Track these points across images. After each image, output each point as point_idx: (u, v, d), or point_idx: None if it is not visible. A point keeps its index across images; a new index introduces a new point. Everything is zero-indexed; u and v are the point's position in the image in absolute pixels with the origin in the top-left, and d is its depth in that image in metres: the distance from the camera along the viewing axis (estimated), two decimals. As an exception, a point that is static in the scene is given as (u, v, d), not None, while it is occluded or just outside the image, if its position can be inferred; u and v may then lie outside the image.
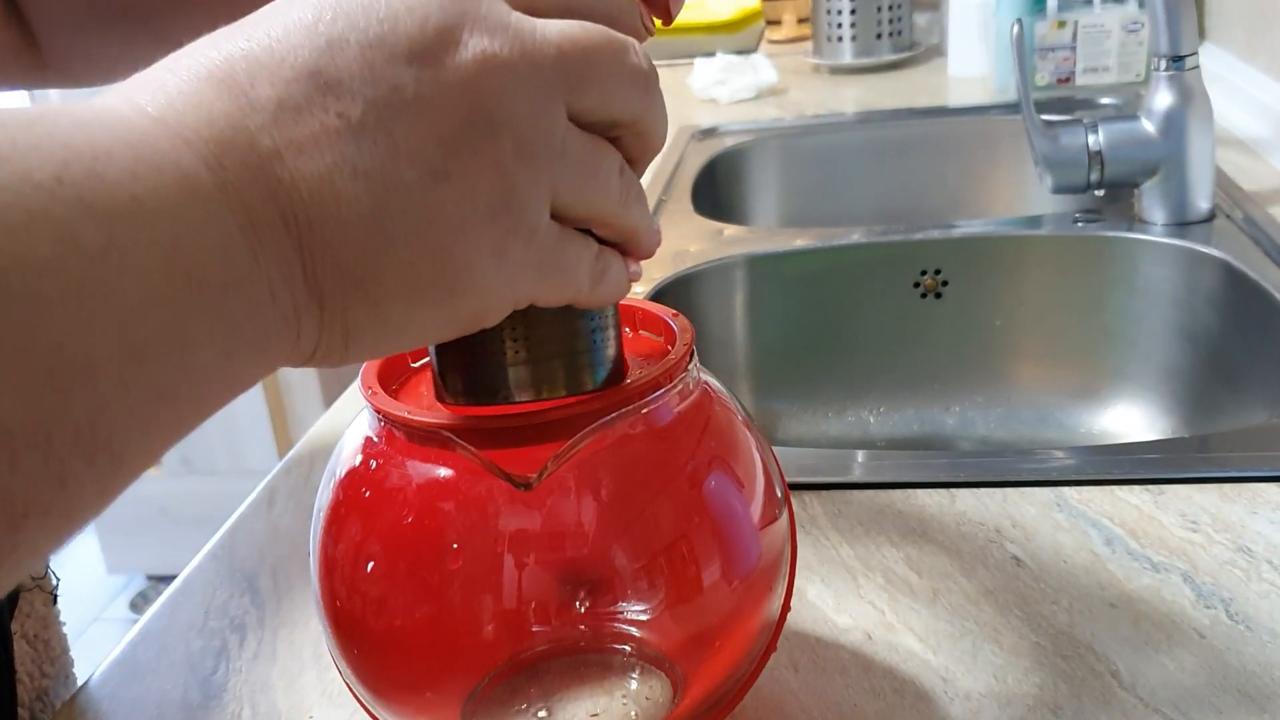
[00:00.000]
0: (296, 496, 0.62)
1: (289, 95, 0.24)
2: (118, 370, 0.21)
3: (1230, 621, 0.44)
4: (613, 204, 0.29)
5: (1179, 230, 0.85)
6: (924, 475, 0.56)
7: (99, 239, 0.21)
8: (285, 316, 0.24)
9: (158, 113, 0.23)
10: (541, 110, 0.26)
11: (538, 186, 0.26)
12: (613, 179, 0.29)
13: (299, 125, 0.24)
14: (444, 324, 0.27)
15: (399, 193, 0.24)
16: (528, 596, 0.35)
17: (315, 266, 0.24)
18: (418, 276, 0.25)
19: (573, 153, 0.27)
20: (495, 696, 0.38)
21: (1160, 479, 0.54)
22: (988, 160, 1.24)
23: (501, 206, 0.26)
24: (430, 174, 0.25)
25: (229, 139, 0.23)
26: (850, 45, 1.52)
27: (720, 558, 0.36)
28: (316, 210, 0.24)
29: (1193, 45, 0.82)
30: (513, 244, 0.26)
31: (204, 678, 0.48)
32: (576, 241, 0.29)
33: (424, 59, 0.25)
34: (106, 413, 0.21)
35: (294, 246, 0.24)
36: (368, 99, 0.24)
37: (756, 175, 1.27)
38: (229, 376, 0.24)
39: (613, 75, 0.28)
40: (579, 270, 0.29)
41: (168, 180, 0.22)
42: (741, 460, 0.38)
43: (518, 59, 0.26)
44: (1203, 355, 0.83)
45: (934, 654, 0.44)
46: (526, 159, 0.26)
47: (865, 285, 0.94)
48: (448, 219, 0.25)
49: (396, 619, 0.36)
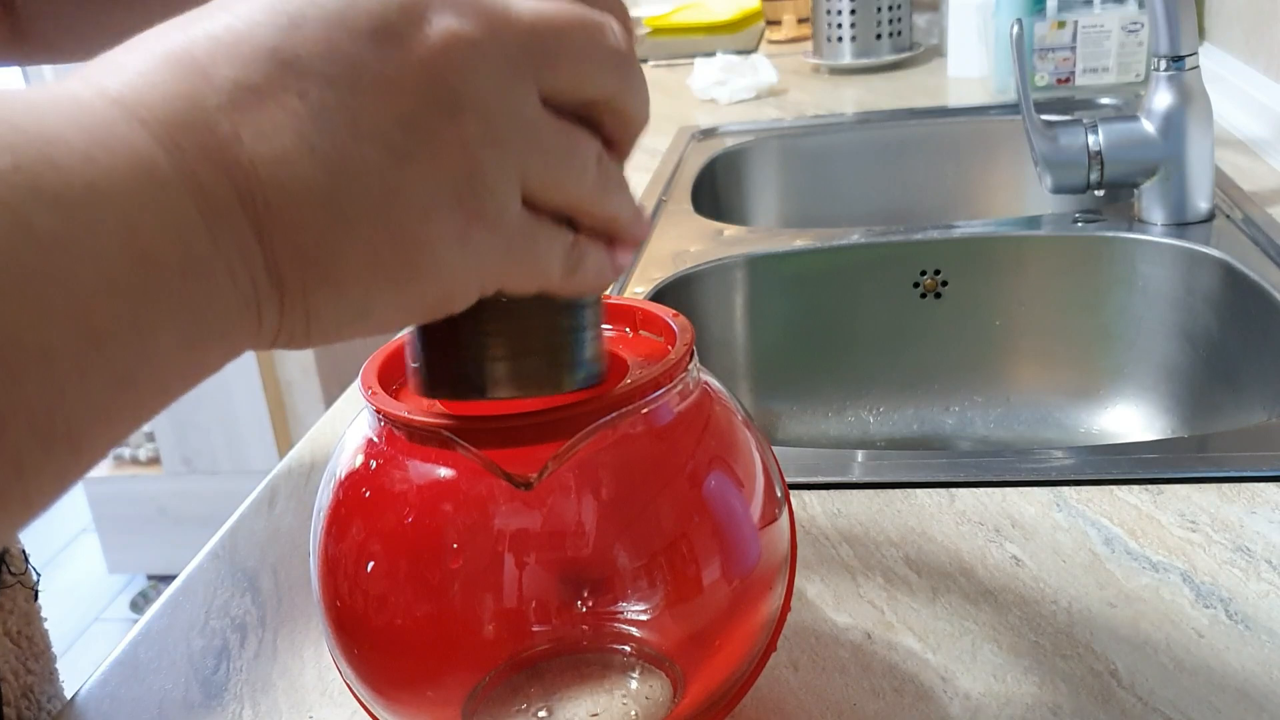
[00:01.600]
0: (297, 496, 0.62)
1: (248, 75, 0.24)
2: (75, 357, 0.21)
3: (1229, 621, 0.44)
4: (589, 191, 0.28)
5: (1178, 230, 0.85)
6: (923, 475, 0.57)
7: (53, 226, 0.20)
8: (246, 300, 0.24)
9: (115, 94, 0.23)
10: (509, 91, 0.25)
11: (504, 170, 0.26)
12: (589, 165, 0.28)
13: (258, 105, 0.23)
14: (406, 308, 0.26)
15: (359, 173, 0.24)
16: (528, 596, 0.35)
17: (274, 249, 0.24)
18: (377, 258, 0.25)
19: (545, 137, 0.26)
20: (496, 696, 0.38)
21: (1159, 479, 0.54)
22: (987, 160, 1.24)
23: (466, 189, 0.25)
24: (391, 154, 0.24)
25: (186, 120, 0.23)
26: (850, 46, 1.52)
27: (720, 557, 0.36)
28: (275, 192, 0.23)
29: (1192, 45, 0.82)
30: (476, 228, 0.26)
31: (205, 677, 0.49)
32: (548, 229, 0.28)
33: (387, 36, 0.24)
34: (64, 400, 0.21)
35: (253, 229, 0.23)
36: (328, 77, 0.24)
37: (756, 175, 1.27)
38: (191, 361, 0.24)
39: (587, 53, 0.27)
40: (550, 258, 0.28)
41: (122, 163, 0.22)
42: (741, 460, 0.38)
43: (485, 37, 0.25)
44: (1202, 355, 0.83)
45: (933, 653, 0.44)
46: (493, 141, 0.25)
47: (865, 285, 0.94)
48: (409, 201, 0.24)
49: (397, 618, 0.36)
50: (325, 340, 0.26)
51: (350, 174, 0.24)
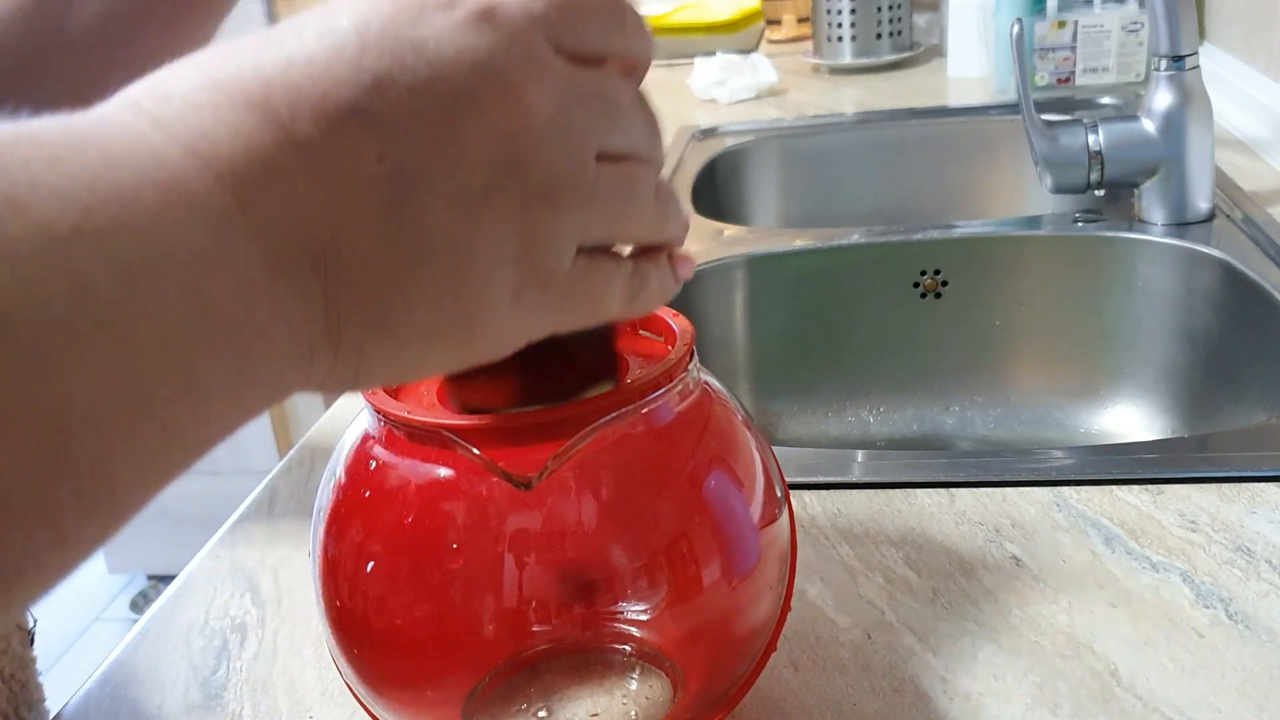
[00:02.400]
0: (297, 496, 0.62)
1: (330, 132, 0.24)
2: (125, 419, 0.20)
3: (1229, 621, 0.44)
4: (648, 225, 0.30)
5: (1178, 230, 0.85)
6: (923, 475, 0.57)
7: (116, 287, 0.20)
8: (300, 351, 0.24)
9: (189, 142, 0.23)
10: (575, 156, 0.26)
11: (565, 229, 0.26)
12: (647, 205, 0.29)
13: (338, 165, 0.23)
14: (456, 361, 0.27)
15: (431, 237, 0.24)
16: (528, 596, 0.35)
17: (340, 305, 0.24)
18: (440, 320, 0.25)
19: (605, 193, 0.27)
20: (496, 696, 0.38)
21: (1159, 479, 0.54)
22: (987, 160, 1.24)
23: (525, 251, 0.26)
24: (463, 220, 0.25)
25: (265, 176, 0.23)
26: (850, 45, 1.52)
27: (720, 557, 0.36)
28: (348, 253, 0.24)
29: (1193, 45, 0.82)
30: (529, 288, 0.26)
31: (205, 677, 0.49)
32: (605, 267, 0.29)
33: (470, 107, 0.25)
34: (110, 463, 0.20)
35: (320, 286, 0.24)
36: (410, 143, 0.24)
37: (756, 175, 1.27)
38: (236, 411, 0.24)
39: (633, 121, 0.28)
40: (608, 295, 0.29)
41: (196, 220, 0.22)
42: (741, 460, 0.38)
43: (556, 110, 0.26)
44: (1202, 355, 0.83)
45: (933, 653, 0.44)
46: (555, 204, 0.26)
47: (865, 285, 0.94)
48: (475, 264, 0.25)
49: (397, 618, 0.36)
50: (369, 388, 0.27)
51: (423, 238, 0.24)
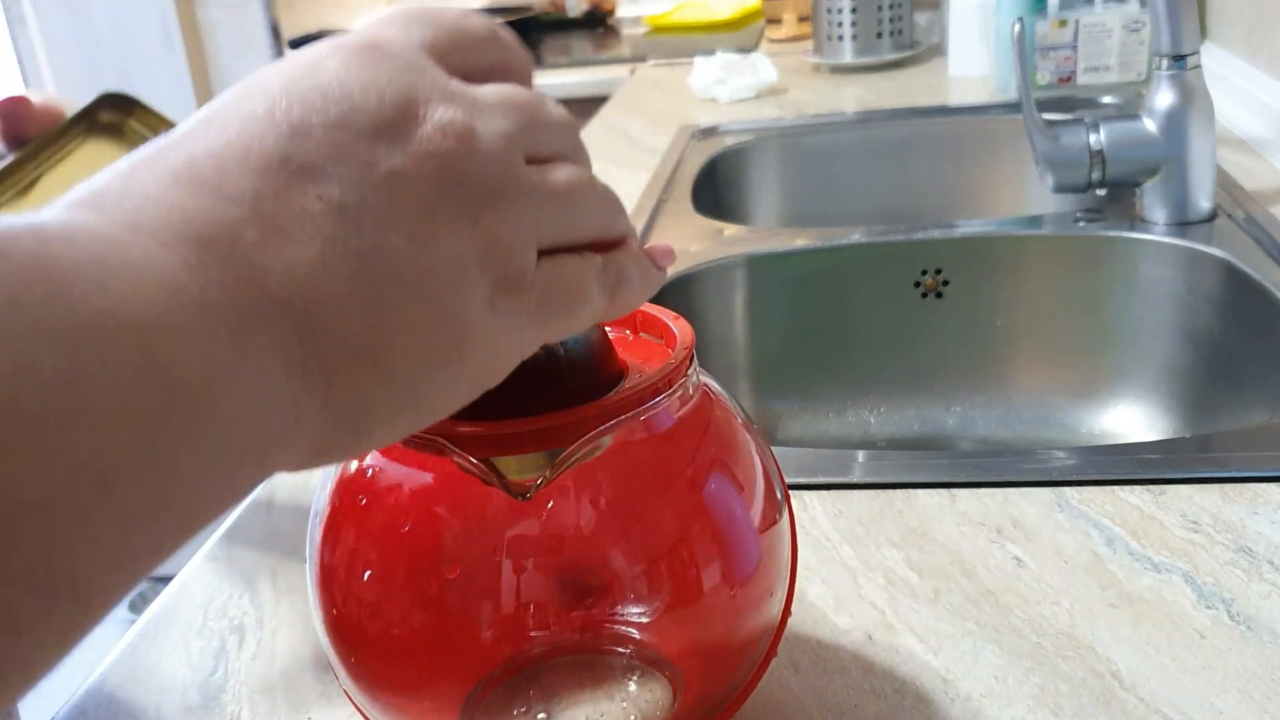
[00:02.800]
0: (296, 498, 0.62)
1: (263, 185, 0.24)
2: (81, 503, 0.19)
3: (1231, 622, 0.44)
4: (599, 223, 0.30)
5: (1180, 230, 0.85)
6: (924, 475, 0.56)
7: (60, 363, 0.19)
8: (279, 403, 0.23)
9: (127, 219, 0.22)
10: (504, 161, 0.27)
11: (518, 231, 0.27)
12: (591, 199, 0.30)
13: (279, 212, 0.24)
14: (454, 385, 0.27)
15: (390, 260, 0.25)
16: (526, 601, 0.35)
17: (317, 347, 0.24)
18: (423, 337, 0.25)
19: (544, 189, 0.28)
20: (494, 700, 0.38)
21: (1161, 479, 0.54)
22: (988, 160, 1.24)
23: (488, 257, 0.26)
24: (415, 239, 0.25)
25: (208, 236, 0.23)
26: (851, 44, 1.52)
27: (720, 561, 0.36)
28: (312, 292, 0.24)
29: (1194, 45, 0.81)
30: (501, 294, 0.27)
31: (203, 678, 0.48)
32: (573, 263, 0.29)
33: (389, 134, 0.25)
34: (68, 551, 0.19)
35: (292, 331, 0.23)
36: (344, 177, 0.25)
37: (756, 175, 1.27)
38: (215, 484, 0.22)
39: (548, 123, 0.29)
40: (586, 289, 0.29)
41: (142, 288, 0.21)
42: (741, 463, 0.38)
43: (472, 121, 0.27)
44: (1204, 355, 0.83)
45: (935, 655, 0.44)
46: (501, 208, 0.27)
47: (865, 285, 0.94)
48: (442, 278, 0.25)
49: (394, 625, 0.36)
50: (376, 439, 0.26)
51: (385, 263, 0.25)
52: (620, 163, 1.23)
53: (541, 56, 2.06)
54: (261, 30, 2.17)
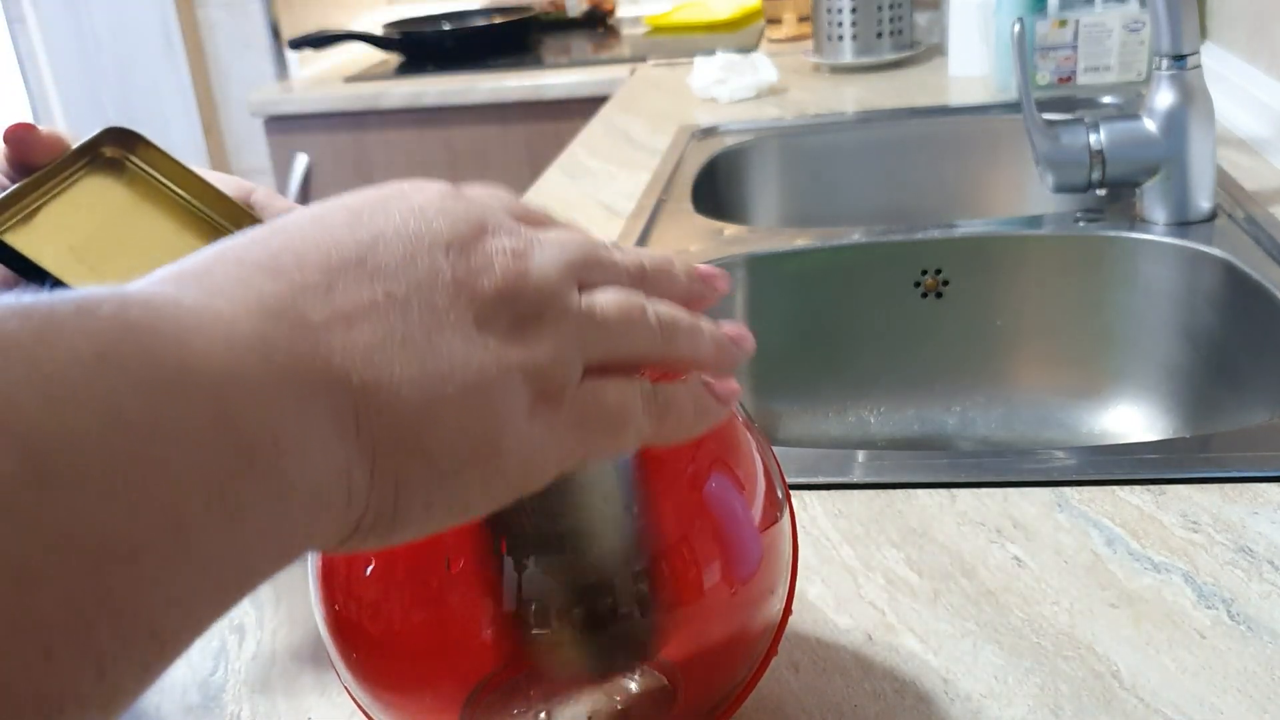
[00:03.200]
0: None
1: (337, 278, 0.26)
2: (163, 547, 0.20)
3: (1231, 622, 0.44)
4: (647, 345, 0.31)
5: (1180, 230, 0.85)
6: (924, 475, 0.56)
7: (145, 413, 0.21)
8: (334, 469, 0.25)
9: (206, 295, 0.24)
10: (556, 284, 0.30)
11: (561, 348, 0.29)
12: (638, 319, 0.31)
13: (347, 300, 0.26)
14: (490, 481, 0.28)
15: (444, 357, 0.27)
16: (527, 599, 0.35)
17: (371, 424, 0.25)
18: (466, 430, 0.27)
19: (590, 312, 0.30)
20: (494, 699, 0.38)
21: (1161, 479, 0.54)
22: (988, 160, 1.24)
23: (532, 369, 0.28)
24: (469, 342, 0.27)
25: (279, 312, 0.25)
26: (851, 44, 1.52)
27: (721, 560, 0.36)
28: (370, 373, 0.26)
29: (1194, 44, 0.81)
30: (542, 405, 0.29)
31: (203, 678, 0.48)
32: (616, 384, 0.31)
33: (458, 249, 0.28)
34: (149, 594, 0.20)
35: (349, 405, 0.25)
36: (410, 279, 0.27)
37: (756, 175, 1.27)
38: (277, 543, 0.24)
39: (603, 260, 0.32)
40: (628, 411, 0.31)
41: (216, 346, 0.23)
42: (742, 463, 0.38)
43: (534, 250, 0.30)
44: (1204, 355, 0.83)
45: (935, 655, 0.44)
46: (548, 324, 0.29)
47: (866, 285, 0.94)
48: (488, 380, 0.27)
49: (395, 622, 0.36)
50: (413, 524, 0.27)
51: (439, 359, 0.27)
52: (620, 163, 1.23)
53: (541, 56, 2.06)
54: (262, 30, 2.17)
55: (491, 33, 2.15)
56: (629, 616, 0.34)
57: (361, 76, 2.01)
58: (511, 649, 0.34)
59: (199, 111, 2.20)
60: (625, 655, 0.35)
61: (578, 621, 0.33)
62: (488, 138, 1.85)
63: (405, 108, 1.86)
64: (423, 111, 1.86)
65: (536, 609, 0.33)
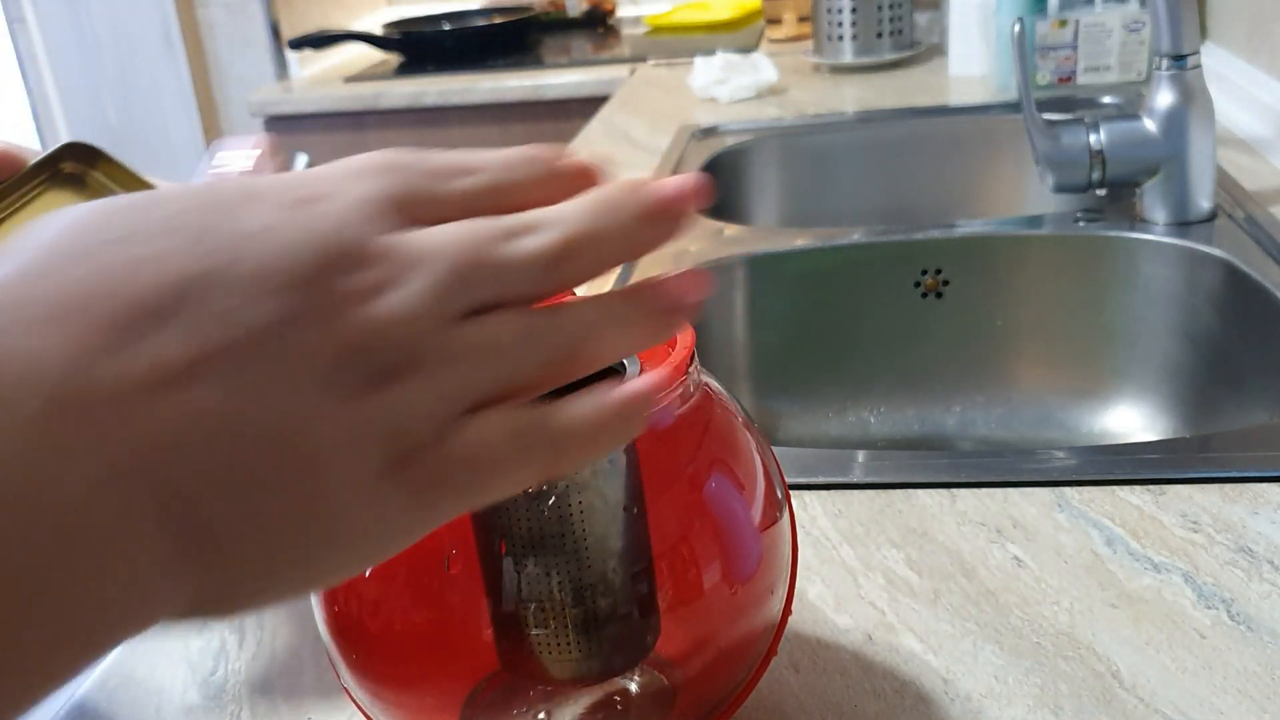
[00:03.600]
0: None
1: (134, 333, 0.22)
2: None
3: (1231, 622, 0.44)
4: (537, 369, 0.26)
5: (1180, 230, 0.85)
6: (924, 475, 0.56)
7: None
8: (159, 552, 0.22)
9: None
10: (424, 327, 0.24)
11: (419, 403, 0.24)
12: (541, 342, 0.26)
13: (145, 365, 0.22)
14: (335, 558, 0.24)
15: (272, 436, 0.23)
16: (526, 599, 0.35)
17: (180, 518, 0.22)
18: (297, 513, 0.23)
19: (479, 344, 0.25)
20: (494, 699, 0.38)
21: (1161, 479, 0.54)
22: (988, 160, 1.24)
23: (379, 432, 0.24)
24: (306, 408, 0.23)
25: (61, 381, 0.21)
26: (851, 44, 1.52)
27: (721, 560, 0.36)
28: (175, 468, 0.22)
29: (1194, 44, 0.81)
30: (398, 468, 0.24)
31: (203, 678, 0.48)
32: (495, 431, 0.25)
33: (297, 291, 0.23)
34: None
35: (151, 501, 0.22)
36: (230, 335, 0.22)
37: (757, 175, 1.27)
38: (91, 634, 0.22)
39: (498, 265, 0.25)
40: (507, 466, 0.25)
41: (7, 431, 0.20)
42: (742, 463, 0.38)
43: (395, 283, 0.24)
44: (1204, 355, 0.83)
45: (935, 655, 0.44)
46: (411, 376, 0.24)
47: (866, 285, 0.94)
48: (327, 455, 0.23)
49: (395, 623, 0.36)
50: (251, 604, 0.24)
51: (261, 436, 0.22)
52: (620, 163, 1.23)
53: (541, 57, 2.06)
54: (262, 30, 2.17)
55: (491, 33, 2.15)
56: (628, 616, 0.34)
57: (361, 76, 2.01)
58: (511, 649, 0.34)
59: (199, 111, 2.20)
60: (625, 655, 0.35)
61: (577, 622, 0.33)
62: (488, 138, 1.85)
63: (405, 108, 1.86)
64: (423, 112, 1.86)
65: (536, 609, 0.33)
